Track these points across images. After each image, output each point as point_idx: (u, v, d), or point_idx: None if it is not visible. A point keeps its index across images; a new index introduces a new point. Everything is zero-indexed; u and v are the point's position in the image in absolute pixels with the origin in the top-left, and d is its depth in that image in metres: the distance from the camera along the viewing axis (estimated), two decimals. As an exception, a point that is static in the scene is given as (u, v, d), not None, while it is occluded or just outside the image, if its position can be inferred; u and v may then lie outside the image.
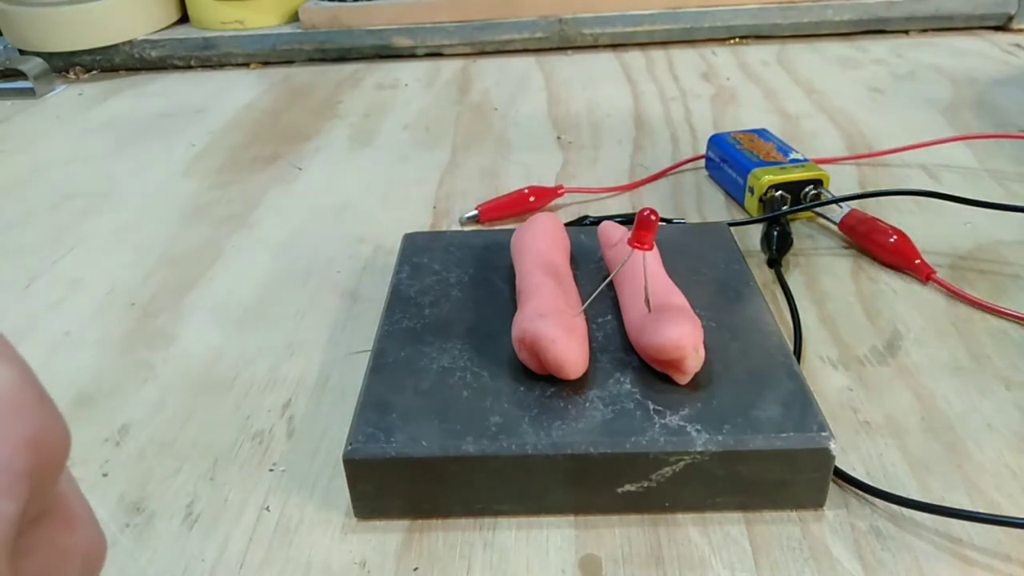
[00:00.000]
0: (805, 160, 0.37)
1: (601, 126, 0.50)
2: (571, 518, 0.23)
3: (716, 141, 0.41)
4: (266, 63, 0.68)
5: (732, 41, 0.66)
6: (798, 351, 0.29)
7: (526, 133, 0.50)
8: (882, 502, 0.23)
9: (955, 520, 0.22)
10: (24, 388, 0.13)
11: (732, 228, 0.33)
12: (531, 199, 0.40)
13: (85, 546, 0.14)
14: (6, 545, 0.12)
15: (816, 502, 0.23)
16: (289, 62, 0.68)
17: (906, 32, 0.65)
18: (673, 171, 0.43)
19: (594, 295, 0.26)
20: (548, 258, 0.28)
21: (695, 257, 0.31)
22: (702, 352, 0.24)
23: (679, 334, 0.23)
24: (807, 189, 0.37)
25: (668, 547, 0.22)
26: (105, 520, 0.24)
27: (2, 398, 0.13)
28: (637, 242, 0.25)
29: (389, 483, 0.23)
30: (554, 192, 0.41)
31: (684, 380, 0.24)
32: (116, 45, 0.67)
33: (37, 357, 0.31)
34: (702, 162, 0.43)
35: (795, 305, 0.31)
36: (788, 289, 0.32)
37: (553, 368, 0.24)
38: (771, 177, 0.36)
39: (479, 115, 0.54)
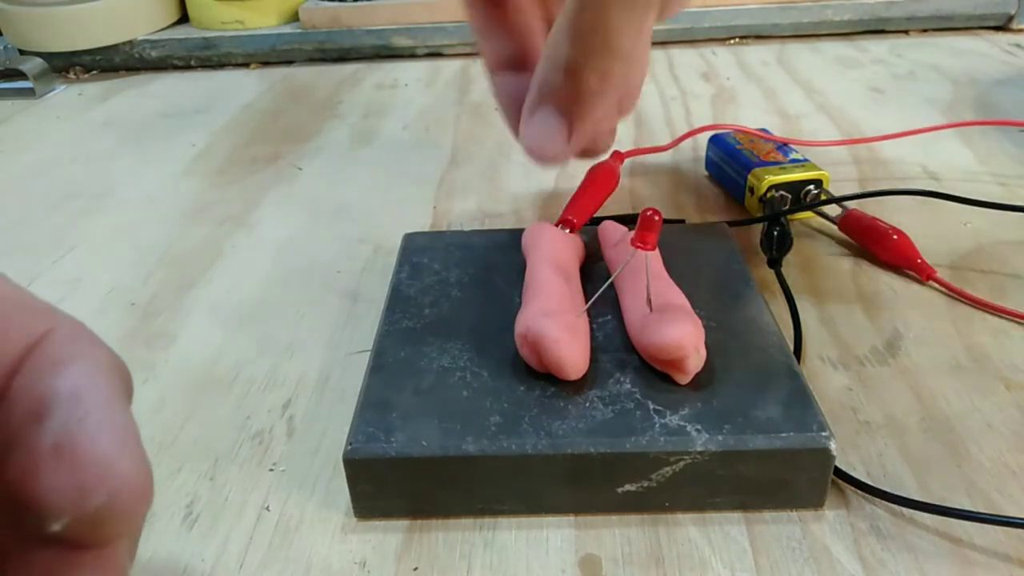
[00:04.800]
0: (805, 160, 0.38)
1: (601, 126, 0.50)
2: (571, 518, 0.23)
3: (716, 141, 0.41)
4: (266, 63, 0.68)
5: (732, 41, 0.66)
6: (798, 351, 0.29)
7: (526, 133, 0.50)
8: (882, 502, 0.23)
9: (955, 520, 0.22)
10: (90, 330, 0.15)
11: (732, 228, 0.33)
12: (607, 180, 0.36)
13: None
14: (141, 444, 0.14)
15: (816, 502, 0.23)
16: (289, 62, 0.68)
17: (906, 32, 0.65)
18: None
19: (596, 295, 0.26)
20: (558, 257, 0.28)
21: (695, 257, 0.31)
22: (703, 352, 0.24)
23: (681, 334, 0.23)
24: (807, 189, 0.37)
25: (668, 547, 0.22)
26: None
27: (86, 334, 0.15)
28: (640, 242, 0.25)
29: (389, 483, 0.23)
30: (618, 163, 0.37)
31: (685, 380, 0.24)
32: (116, 45, 0.67)
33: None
34: (702, 161, 0.43)
35: (795, 305, 0.31)
36: (788, 289, 0.32)
37: (554, 368, 0.24)
38: (771, 177, 0.36)
39: (479, 115, 0.54)
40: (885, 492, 0.23)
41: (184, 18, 0.71)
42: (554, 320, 0.24)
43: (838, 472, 0.24)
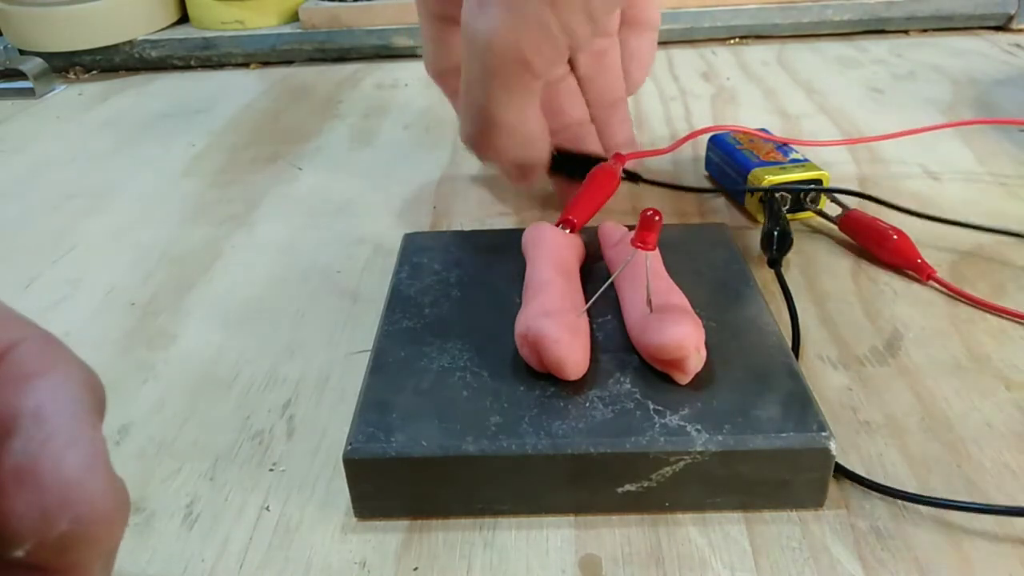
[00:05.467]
0: (805, 160, 0.38)
1: (601, 126, 0.50)
2: (571, 518, 0.23)
3: (716, 141, 0.41)
4: (266, 63, 0.68)
5: (732, 41, 0.66)
6: (798, 351, 0.29)
7: (526, 133, 0.50)
8: (882, 502, 0.23)
9: (955, 520, 0.22)
10: (61, 343, 0.15)
11: (732, 228, 0.33)
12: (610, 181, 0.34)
13: None
14: (109, 465, 0.13)
15: (816, 502, 0.23)
16: (289, 62, 0.68)
17: (906, 32, 0.65)
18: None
19: (597, 295, 0.26)
20: (558, 257, 0.28)
21: (695, 257, 0.31)
22: (703, 352, 0.24)
23: (682, 335, 0.23)
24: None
25: (668, 547, 0.22)
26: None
27: (56, 347, 0.14)
28: (640, 242, 0.25)
29: (389, 483, 0.23)
30: (618, 165, 0.36)
31: (685, 380, 0.24)
32: (116, 45, 0.67)
33: (37, 357, 0.31)
34: (702, 161, 0.43)
35: (795, 305, 0.31)
36: (788, 289, 0.32)
37: (554, 368, 0.24)
38: (771, 177, 0.36)
39: (479, 115, 0.53)
40: (885, 486, 0.23)
41: (184, 18, 0.71)
42: (554, 320, 0.24)
43: (839, 468, 0.24)
